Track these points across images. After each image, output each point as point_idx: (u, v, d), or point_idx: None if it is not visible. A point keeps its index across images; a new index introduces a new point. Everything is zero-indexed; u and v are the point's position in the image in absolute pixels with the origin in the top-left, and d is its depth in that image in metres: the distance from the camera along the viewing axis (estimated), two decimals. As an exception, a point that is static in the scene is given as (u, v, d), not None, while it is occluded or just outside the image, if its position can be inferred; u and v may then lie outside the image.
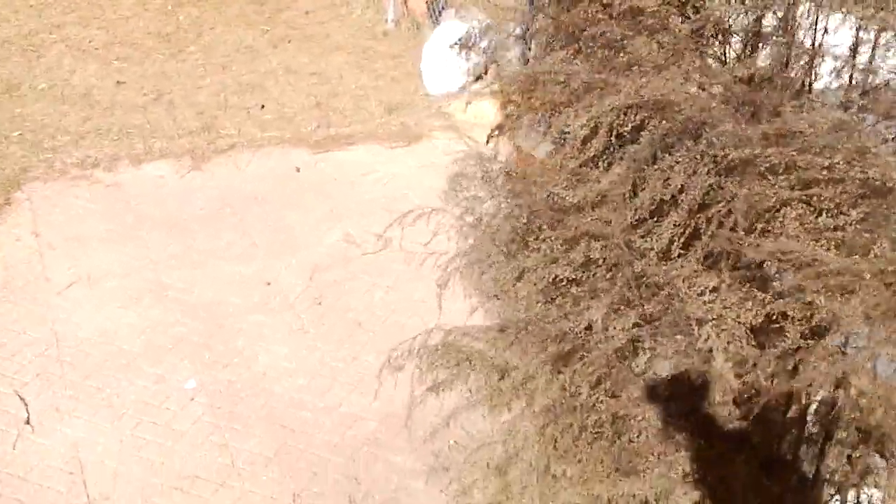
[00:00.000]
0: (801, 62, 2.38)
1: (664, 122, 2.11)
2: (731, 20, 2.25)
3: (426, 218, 3.00)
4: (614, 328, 2.36)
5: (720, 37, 2.30)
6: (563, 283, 2.50)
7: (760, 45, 2.32)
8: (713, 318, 2.30)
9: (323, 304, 5.08)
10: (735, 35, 2.30)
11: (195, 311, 4.92)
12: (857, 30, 2.19)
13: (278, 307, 5.03)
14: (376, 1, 9.31)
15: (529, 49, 2.83)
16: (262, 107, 7.19)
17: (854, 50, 2.21)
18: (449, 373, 2.91)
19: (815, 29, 2.36)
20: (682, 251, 2.28)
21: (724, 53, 2.31)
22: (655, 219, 2.23)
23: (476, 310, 2.90)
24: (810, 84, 2.46)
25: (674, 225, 2.17)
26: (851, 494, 2.84)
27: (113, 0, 9.02)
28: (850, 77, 2.23)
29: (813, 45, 2.41)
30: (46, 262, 5.20)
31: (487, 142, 2.99)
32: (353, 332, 4.89)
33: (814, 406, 2.88)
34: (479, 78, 8.00)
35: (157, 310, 4.91)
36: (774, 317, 2.15)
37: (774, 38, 2.25)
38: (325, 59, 8.11)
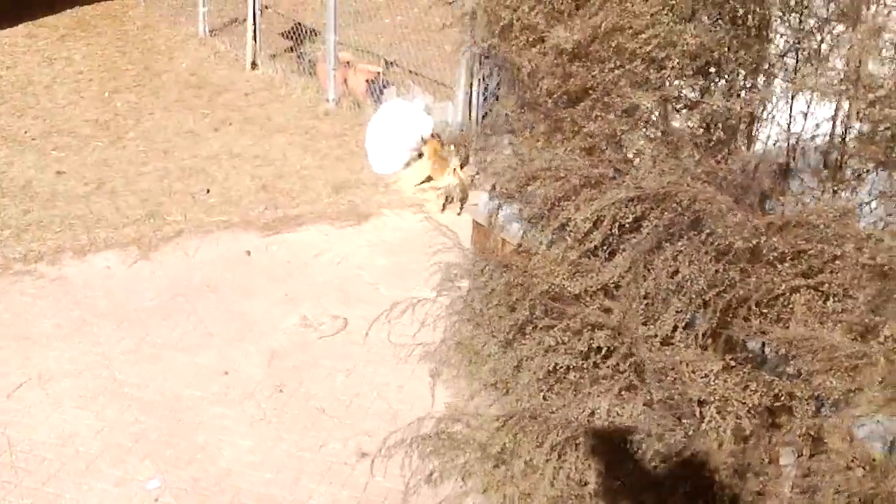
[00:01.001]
0: (784, 145, 2.46)
1: (665, 213, 2.15)
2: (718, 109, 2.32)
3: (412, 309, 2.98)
4: (618, 414, 2.36)
5: (709, 128, 2.36)
6: (563, 371, 2.50)
7: (744, 131, 2.39)
8: (717, 400, 2.32)
9: (284, 392, 4.97)
10: (720, 125, 2.37)
11: (153, 407, 4.77)
12: (839, 113, 2.28)
13: (238, 397, 4.91)
14: (315, 81, 9.38)
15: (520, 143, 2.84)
16: (208, 191, 7.12)
17: (844, 134, 2.30)
18: (442, 461, 2.87)
19: (791, 112, 2.45)
20: (683, 336, 2.30)
21: (710, 141, 2.38)
22: (656, 305, 2.26)
23: (472, 397, 2.88)
24: (787, 166, 2.54)
25: (676, 312, 2.20)
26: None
27: (47, 89, 8.91)
28: (839, 161, 2.31)
29: (789, 127, 2.49)
30: (-7, 362, 5.01)
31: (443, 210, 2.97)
32: (316, 419, 4.79)
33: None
34: (420, 155, 8.09)
35: (113, 408, 4.74)
36: (780, 396, 2.18)
37: (758, 124, 2.33)
38: (268, 141, 8.10)
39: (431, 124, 7.75)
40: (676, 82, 2.30)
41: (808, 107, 2.34)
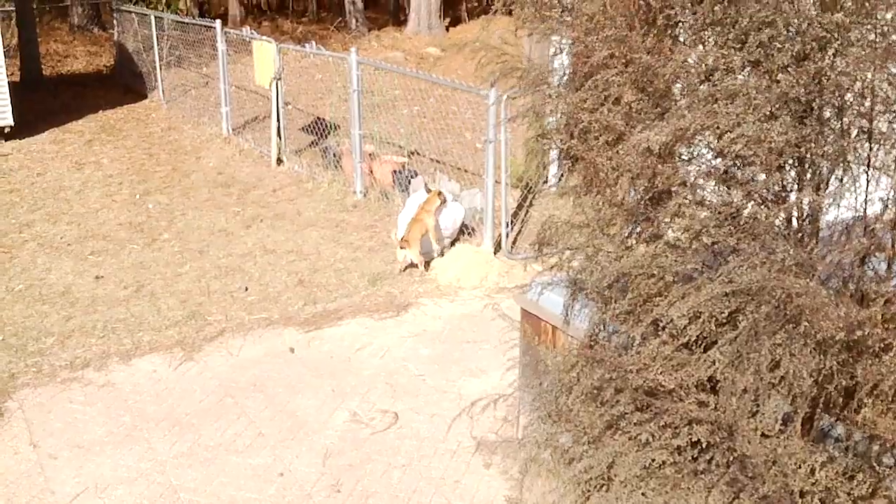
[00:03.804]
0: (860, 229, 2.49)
1: (762, 306, 2.18)
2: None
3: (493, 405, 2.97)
4: (722, 509, 2.34)
5: (791, 220, 2.41)
6: (657, 467, 2.49)
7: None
8: (819, 492, 2.30)
9: (342, 492, 4.93)
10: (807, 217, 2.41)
11: (212, 513, 4.73)
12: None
13: (296, 499, 4.86)
14: (340, 174, 9.52)
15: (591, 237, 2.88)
16: (246, 289, 7.17)
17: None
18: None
19: (866, 195, 2.49)
20: (781, 427, 2.30)
21: (798, 233, 2.42)
22: (756, 399, 2.27)
23: (563, 495, 2.85)
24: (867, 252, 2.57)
25: (777, 404, 2.20)
26: None
27: (79, 194, 9.05)
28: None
29: (864, 211, 2.53)
30: (48, 473, 4.98)
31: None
32: (377, 519, 4.74)
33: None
34: (454, 243, 8.15)
35: (171, 515, 4.71)
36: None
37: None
38: (300, 236, 8.19)
39: (462, 212, 7.84)
40: (762, 177, 2.35)
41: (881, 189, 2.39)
